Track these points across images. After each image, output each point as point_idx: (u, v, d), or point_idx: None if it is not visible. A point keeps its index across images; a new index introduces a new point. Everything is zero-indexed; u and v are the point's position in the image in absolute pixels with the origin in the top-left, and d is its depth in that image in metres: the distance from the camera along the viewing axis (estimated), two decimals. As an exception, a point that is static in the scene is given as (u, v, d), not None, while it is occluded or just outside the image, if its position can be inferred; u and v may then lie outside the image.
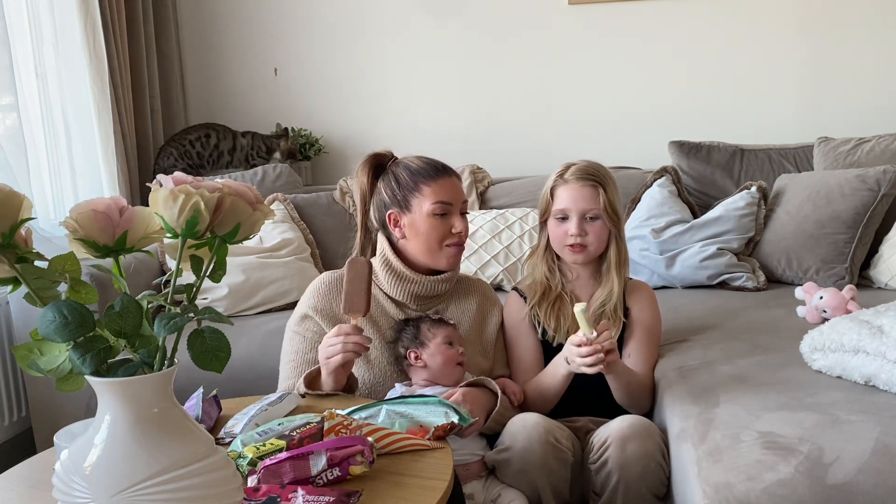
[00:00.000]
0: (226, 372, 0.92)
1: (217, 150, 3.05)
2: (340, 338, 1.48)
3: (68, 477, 0.88)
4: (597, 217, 1.74)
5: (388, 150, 1.74)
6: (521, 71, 3.22)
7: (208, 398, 1.44)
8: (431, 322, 1.64)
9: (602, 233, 1.75)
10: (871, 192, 2.41)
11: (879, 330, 1.45)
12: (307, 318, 1.68)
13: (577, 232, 1.74)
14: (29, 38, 2.62)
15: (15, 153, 2.50)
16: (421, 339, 1.61)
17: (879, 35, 2.98)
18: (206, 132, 3.07)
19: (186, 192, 0.88)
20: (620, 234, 1.78)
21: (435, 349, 1.59)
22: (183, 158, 3.01)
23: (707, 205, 2.71)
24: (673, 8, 3.10)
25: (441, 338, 1.60)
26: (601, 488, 1.50)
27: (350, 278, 1.54)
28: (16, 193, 0.87)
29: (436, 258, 1.66)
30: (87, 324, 0.86)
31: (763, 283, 2.48)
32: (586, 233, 1.74)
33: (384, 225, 1.69)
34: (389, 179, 1.68)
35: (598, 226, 1.75)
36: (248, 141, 3.10)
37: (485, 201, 2.90)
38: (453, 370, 1.60)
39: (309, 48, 3.35)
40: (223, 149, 3.06)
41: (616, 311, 1.75)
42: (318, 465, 1.13)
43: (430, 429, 1.31)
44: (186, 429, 0.92)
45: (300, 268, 2.60)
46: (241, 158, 3.07)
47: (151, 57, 3.13)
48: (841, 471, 1.15)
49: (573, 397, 1.73)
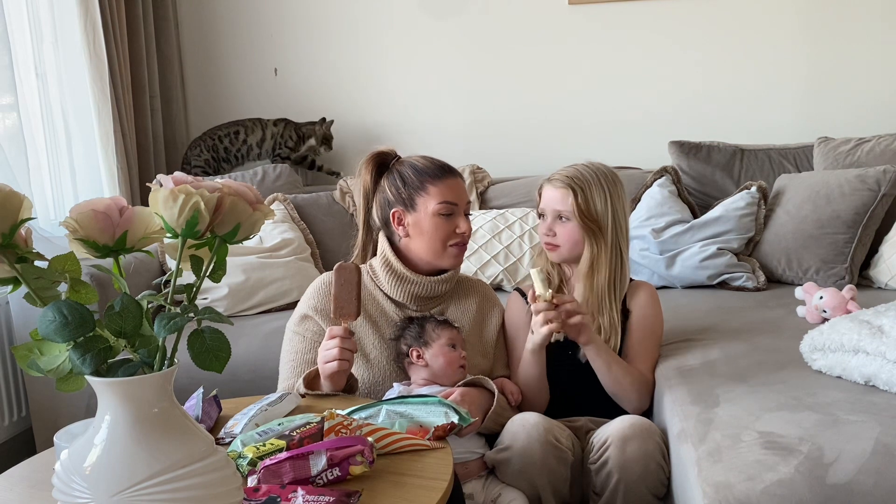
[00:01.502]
0: (226, 372, 0.92)
1: (245, 144, 3.08)
2: (336, 340, 1.49)
3: (68, 477, 0.88)
4: (567, 219, 1.76)
5: (392, 149, 1.74)
6: (521, 71, 3.22)
7: (208, 398, 1.44)
8: (437, 323, 1.64)
9: (573, 235, 1.76)
10: (871, 192, 2.41)
11: (879, 330, 1.45)
12: (307, 318, 1.68)
13: (544, 231, 1.79)
14: (29, 38, 2.62)
15: (15, 153, 2.50)
16: (425, 338, 1.61)
17: (880, 35, 2.98)
18: (235, 129, 3.11)
19: (186, 192, 0.88)
20: (601, 240, 1.74)
21: (438, 350, 1.60)
22: (209, 151, 3.07)
23: (707, 205, 2.71)
24: (673, 8, 3.10)
25: (445, 339, 1.61)
26: (601, 488, 1.50)
27: (340, 284, 1.54)
28: (16, 193, 0.87)
29: (439, 258, 1.67)
30: (87, 324, 0.86)
31: (763, 283, 2.48)
32: (555, 233, 1.77)
33: (387, 223, 1.69)
34: (394, 178, 1.68)
35: (570, 227, 1.76)
36: (280, 129, 3.10)
37: (485, 201, 2.90)
38: (454, 372, 1.60)
39: (309, 48, 3.36)
40: (251, 142, 3.08)
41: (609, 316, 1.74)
42: (318, 465, 1.13)
43: (430, 429, 1.31)
44: (186, 429, 0.92)
45: (300, 268, 2.60)
46: (269, 149, 3.08)
47: (151, 57, 3.13)
48: (841, 471, 1.15)
49: (573, 397, 1.74)
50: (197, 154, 3.09)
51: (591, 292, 1.74)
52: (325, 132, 3.15)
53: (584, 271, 1.75)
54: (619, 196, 1.78)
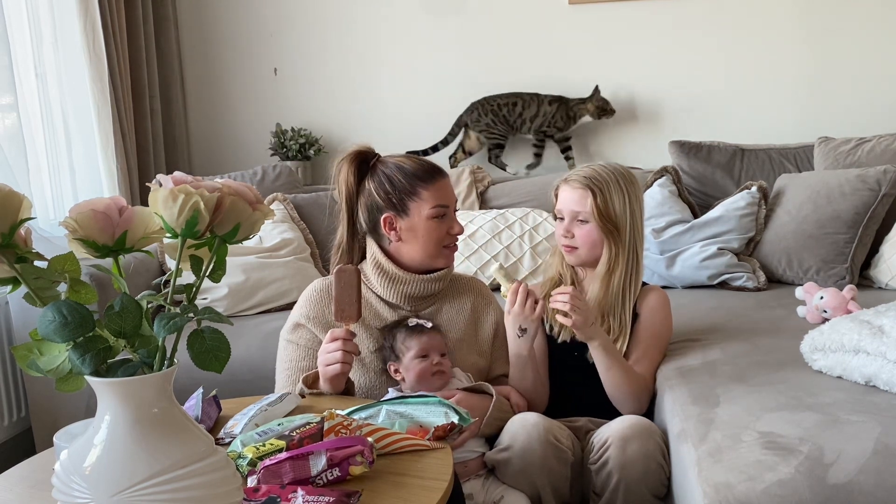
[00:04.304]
0: (226, 372, 0.92)
1: (521, 118, 3.06)
2: (338, 342, 1.48)
3: (68, 477, 0.88)
4: (586, 220, 1.74)
5: (369, 147, 1.69)
6: (521, 71, 3.22)
7: (208, 398, 1.44)
8: (407, 332, 1.60)
9: (591, 237, 1.74)
10: (872, 192, 2.41)
11: (880, 330, 1.44)
12: (300, 326, 1.67)
13: (563, 233, 1.77)
14: (29, 38, 2.62)
15: (15, 153, 2.51)
16: (396, 352, 1.60)
17: (880, 35, 2.98)
18: (513, 100, 3.08)
19: (186, 192, 0.88)
20: (619, 241, 1.73)
21: (408, 363, 1.57)
22: (489, 115, 3.06)
23: (707, 205, 2.71)
24: (673, 8, 3.10)
25: (414, 351, 1.57)
26: (601, 488, 1.50)
27: (340, 286, 1.52)
28: (15, 193, 0.87)
29: (433, 259, 1.66)
30: (86, 324, 0.86)
31: (763, 283, 2.48)
32: (573, 234, 1.75)
33: (375, 228, 1.66)
34: (381, 181, 1.64)
35: (588, 229, 1.74)
36: (553, 109, 3.05)
37: (485, 201, 2.90)
38: (429, 382, 1.57)
39: (309, 48, 3.35)
40: (526, 116, 3.06)
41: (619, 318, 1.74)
42: (318, 466, 1.13)
43: (430, 429, 1.31)
44: (186, 429, 0.92)
45: (300, 268, 2.60)
46: (538, 126, 3.06)
47: (151, 57, 3.13)
48: (841, 471, 1.15)
49: (572, 397, 1.74)
50: (476, 118, 3.07)
51: (605, 293, 1.73)
52: (598, 103, 3.04)
53: (602, 273, 1.74)
54: (637, 197, 1.76)
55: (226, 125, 3.46)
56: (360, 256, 1.73)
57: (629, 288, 1.74)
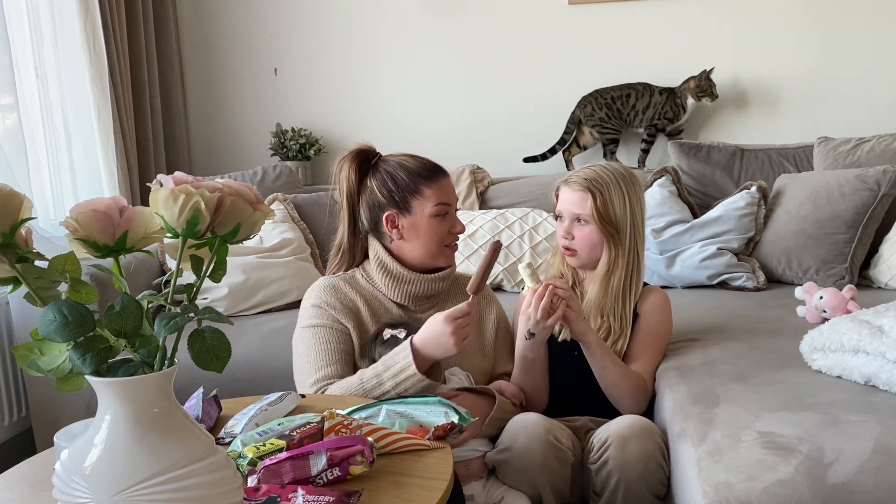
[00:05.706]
0: (226, 372, 0.92)
1: (634, 109, 3.04)
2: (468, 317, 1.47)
3: (68, 477, 0.88)
4: (586, 222, 1.74)
5: (370, 145, 1.70)
6: (521, 71, 3.22)
7: (208, 398, 1.43)
8: (382, 345, 1.58)
9: (590, 238, 1.74)
10: (871, 192, 2.41)
11: (879, 330, 1.44)
12: (319, 308, 1.64)
13: (562, 234, 1.77)
14: (29, 38, 2.63)
15: (15, 153, 2.51)
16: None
17: (880, 35, 2.98)
18: (627, 91, 3.05)
19: (186, 192, 0.88)
20: (619, 243, 1.73)
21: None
22: (602, 109, 3.04)
23: (707, 205, 2.71)
24: (673, 8, 3.10)
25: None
26: (601, 488, 1.50)
27: (487, 260, 1.54)
28: (16, 193, 0.87)
29: (435, 258, 1.66)
30: (87, 324, 0.86)
31: (763, 283, 2.48)
32: (573, 236, 1.75)
33: (377, 226, 1.66)
34: (383, 179, 1.64)
35: (587, 231, 1.74)
36: (663, 99, 3.03)
37: (485, 201, 2.90)
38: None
39: (309, 48, 3.36)
40: (638, 108, 3.04)
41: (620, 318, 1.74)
42: (318, 465, 1.13)
43: (430, 429, 1.31)
44: (186, 429, 0.92)
45: (300, 268, 2.60)
46: (650, 117, 3.03)
47: (151, 57, 3.13)
48: (841, 471, 1.15)
49: (575, 397, 1.74)
50: (589, 112, 3.05)
51: (604, 294, 1.73)
52: (700, 83, 2.98)
53: (601, 274, 1.74)
54: (638, 198, 1.76)
55: (226, 125, 3.46)
56: (361, 256, 1.73)
57: (629, 289, 1.74)
